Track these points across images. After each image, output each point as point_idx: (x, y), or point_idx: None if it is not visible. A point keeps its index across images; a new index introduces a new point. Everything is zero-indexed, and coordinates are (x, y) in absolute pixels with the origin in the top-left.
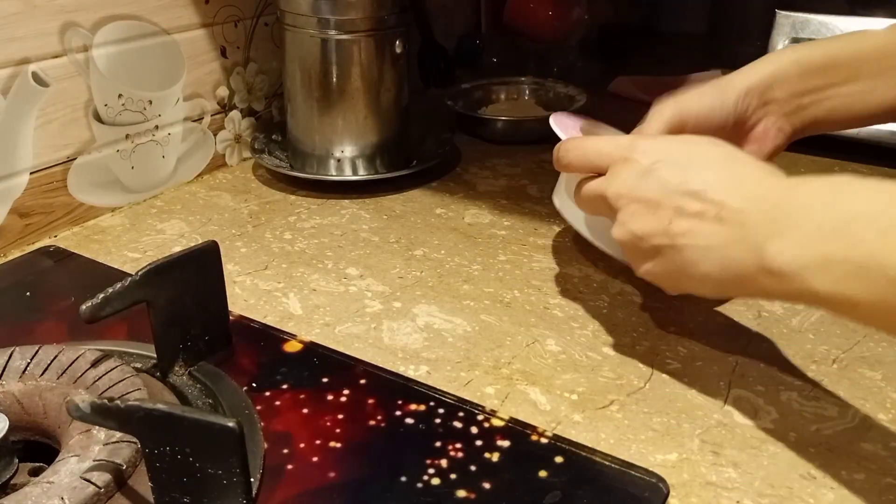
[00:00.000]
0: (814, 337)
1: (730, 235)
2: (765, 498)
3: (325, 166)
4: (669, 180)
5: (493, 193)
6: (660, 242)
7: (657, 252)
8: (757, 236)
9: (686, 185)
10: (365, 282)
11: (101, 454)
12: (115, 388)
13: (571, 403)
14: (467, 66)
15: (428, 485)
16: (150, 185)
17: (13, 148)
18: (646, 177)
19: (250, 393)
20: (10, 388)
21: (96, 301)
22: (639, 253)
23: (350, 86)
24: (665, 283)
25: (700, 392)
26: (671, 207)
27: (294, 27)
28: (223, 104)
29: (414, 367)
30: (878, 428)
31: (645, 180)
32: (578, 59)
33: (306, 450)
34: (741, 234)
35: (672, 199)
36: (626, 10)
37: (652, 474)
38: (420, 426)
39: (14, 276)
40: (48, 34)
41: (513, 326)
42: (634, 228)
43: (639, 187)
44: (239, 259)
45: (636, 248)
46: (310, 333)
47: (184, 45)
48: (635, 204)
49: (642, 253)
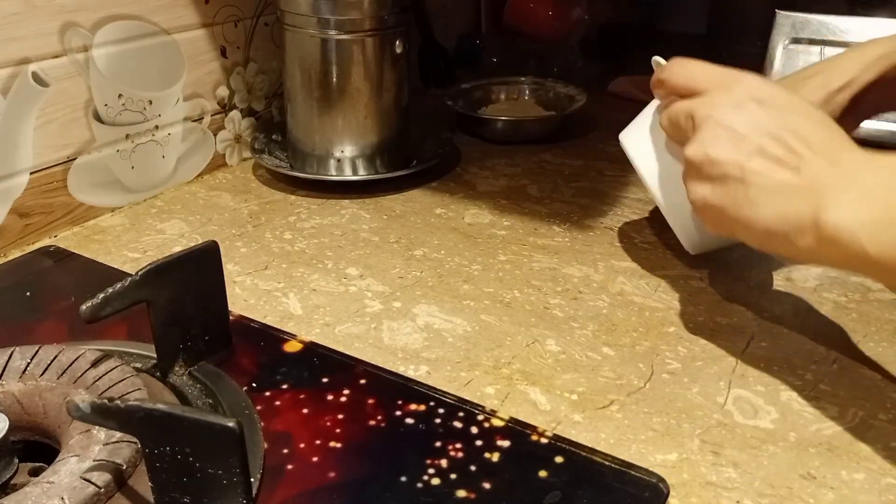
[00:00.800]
0: (814, 337)
1: (799, 187)
2: (765, 498)
3: (325, 166)
4: (763, 119)
5: (493, 193)
6: (731, 172)
7: (723, 181)
8: (823, 195)
9: (777, 128)
10: (365, 282)
11: (101, 454)
12: (115, 388)
13: (571, 403)
14: (467, 66)
15: (428, 485)
16: (150, 185)
17: (13, 148)
18: (742, 108)
19: (250, 393)
20: (10, 388)
21: (96, 301)
22: (703, 176)
23: (350, 86)
24: (714, 216)
25: (700, 392)
26: (755, 144)
27: (294, 27)
28: (223, 104)
29: (414, 367)
30: (878, 428)
31: (740, 111)
32: (578, 59)
33: (306, 450)
34: (810, 188)
35: (759, 137)
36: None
37: (652, 474)
38: (420, 426)
39: (14, 276)
40: (48, 34)
41: (513, 326)
42: (711, 151)
43: (731, 115)
44: (239, 259)
45: (702, 171)
46: (310, 333)
47: (184, 45)
48: (721, 129)
49: (707, 177)
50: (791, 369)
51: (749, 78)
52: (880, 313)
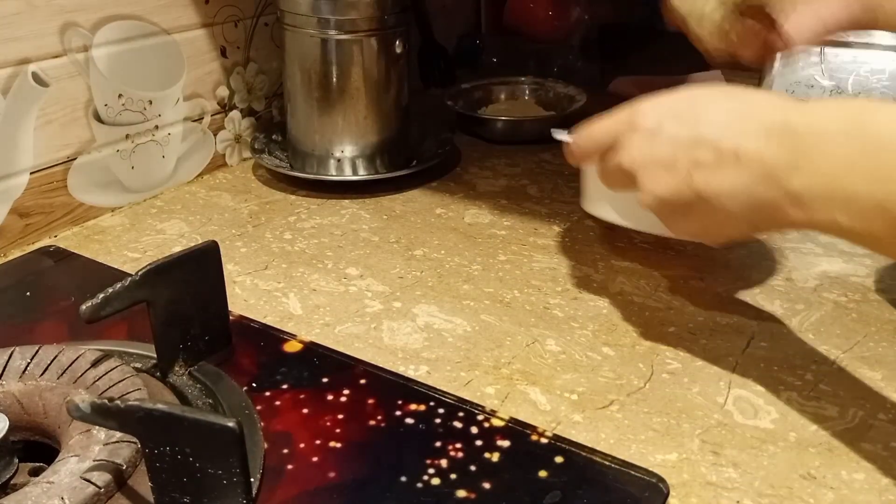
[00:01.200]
0: (814, 337)
1: (751, 175)
2: (765, 498)
3: (325, 166)
4: (678, 135)
5: (493, 193)
6: (686, 198)
7: (687, 209)
8: (778, 171)
9: (695, 135)
10: (365, 282)
11: (101, 454)
12: (115, 388)
13: (571, 403)
14: (467, 66)
15: (428, 485)
16: (150, 185)
17: (13, 148)
18: (654, 137)
19: (250, 393)
20: (10, 388)
21: (96, 301)
22: (670, 214)
23: (350, 86)
24: (705, 237)
25: (700, 392)
26: (686, 161)
27: (294, 27)
28: (223, 104)
29: (414, 367)
30: (878, 428)
31: (654, 141)
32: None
33: (306, 450)
34: (762, 171)
35: (685, 153)
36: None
37: (652, 474)
38: (420, 426)
39: (14, 276)
40: (48, 34)
41: (513, 326)
42: (657, 191)
43: (650, 149)
44: (239, 259)
45: (666, 210)
46: (310, 333)
47: (184, 45)
48: (651, 166)
49: (673, 213)
50: (791, 369)
51: (641, 107)
52: (880, 313)
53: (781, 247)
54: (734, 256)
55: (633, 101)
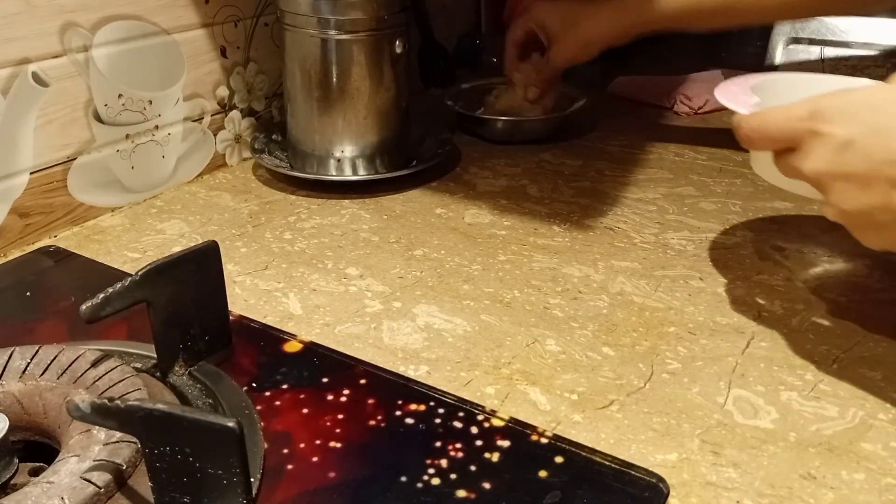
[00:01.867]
0: (814, 337)
1: None
2: (765, 498)
3: (325, 166)
4: (873, 151)
5: (493, 193)
6: (880, 218)
7: (881, 226)
8: None
9: (892, 151)
10: (365, 282)
11: (101, 454)
12: (115, 388)
13: (571, 403)
14: (467, 66)
15: (428, 485)
16: (150, 185)
17: (13, 148)
18: (845, 150)
19: (250, 393)
20: (10, 388)
21: (96, 301)
22: (860, 227)
23: (350, 86)
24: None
25: (700, 392)
26: (884, 180)
27: (294, 27)
28: (223, 104)
29: (414, 367)
30: (878, 428)
31: (845, 155)
32: None
33: (306, 450)
34: None
35: (883, 171)
36: None
37: (652, 474)
38: (420, 426)
39: (14, 276)
40: (48, 34)
41: (513, 326)
42: (846, 206)
43: (840, 163)
44: (239, 259)
45: (855, 223)
46: (310, 333)
47: (184, 45)
48: (841, 182)
49: (866, 227)
50: (791, 369)
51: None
52: (880, 313)
53: (782, 247)
54: (734, 256)
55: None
